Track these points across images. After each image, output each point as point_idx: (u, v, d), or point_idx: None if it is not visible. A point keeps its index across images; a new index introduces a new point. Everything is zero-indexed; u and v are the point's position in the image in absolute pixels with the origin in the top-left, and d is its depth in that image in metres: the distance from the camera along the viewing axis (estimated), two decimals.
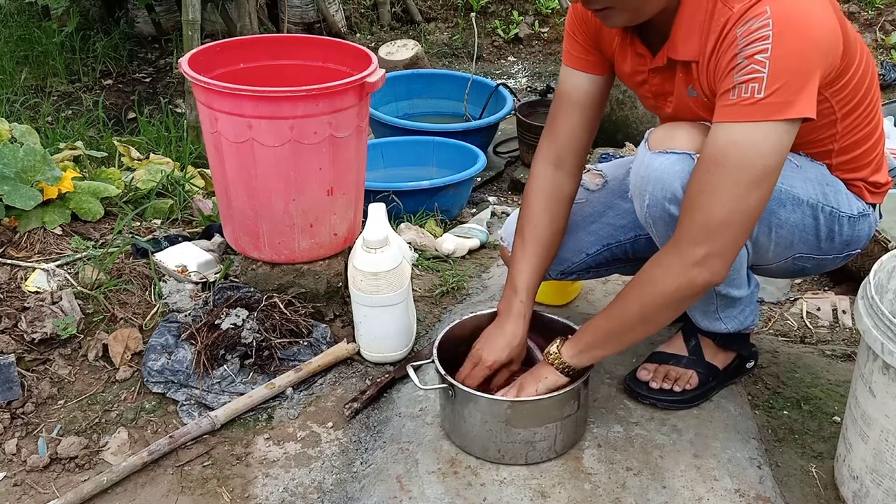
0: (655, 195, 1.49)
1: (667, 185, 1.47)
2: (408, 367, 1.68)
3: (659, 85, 1.58)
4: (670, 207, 1.48)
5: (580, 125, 1.69)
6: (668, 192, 1.48)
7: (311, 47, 2.13)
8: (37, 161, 2.20)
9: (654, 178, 1.49)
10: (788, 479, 1.64)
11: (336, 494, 1.62)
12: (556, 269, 1.83)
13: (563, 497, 1.54)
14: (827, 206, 1.58)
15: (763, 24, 1.31)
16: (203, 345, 1.90)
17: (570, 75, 1.69)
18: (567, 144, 1.70)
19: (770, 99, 1.32)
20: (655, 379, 1.77)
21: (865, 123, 1.55)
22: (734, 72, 1.35)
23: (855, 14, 5.31)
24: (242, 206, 1.98)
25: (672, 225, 1.49)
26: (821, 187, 1.58)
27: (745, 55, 1.33)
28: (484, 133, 3.88)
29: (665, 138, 1.50)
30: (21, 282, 2.02)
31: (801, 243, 1.61)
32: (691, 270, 1.41)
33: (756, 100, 1.32)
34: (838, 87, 1.46)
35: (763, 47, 1.31)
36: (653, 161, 1.49)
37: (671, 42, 1.48)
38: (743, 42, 1.33)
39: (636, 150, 1.72)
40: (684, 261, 1.42)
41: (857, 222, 1.63)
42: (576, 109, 1.69)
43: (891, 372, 1.37)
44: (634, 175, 1.54)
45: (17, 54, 4.81)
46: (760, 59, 1.31)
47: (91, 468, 1.69)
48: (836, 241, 1.63)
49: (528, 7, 5.88)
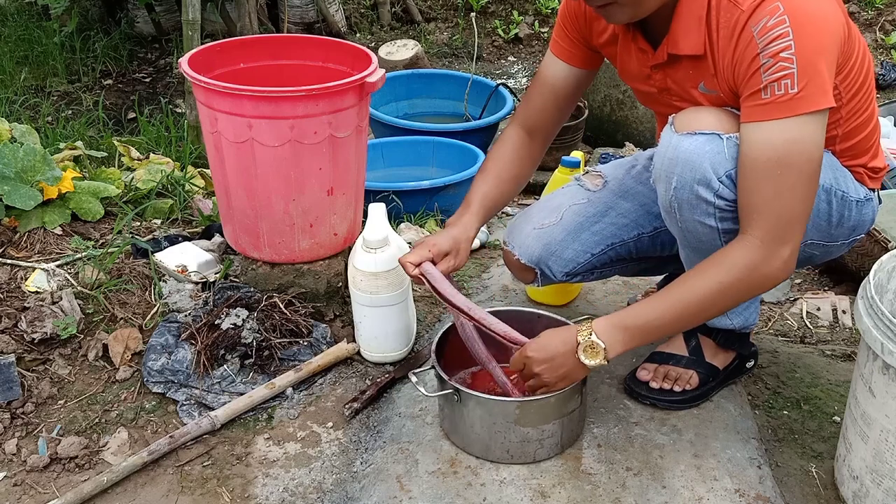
0: (684, 176, 1.48)
1: (696, 166, 1.46)
2: (410, 374, 1.67)
3: (661, 80, 1.59)
4: (698, 189, 1.47)
5: (553, 107, 1.78)
6: (697, 173, 1.46)
7: (311, 47, 2.13)
8: (37, 161, 2.20)
9: (683, 160, 1.47)
10: (788, 479, 1.64)
11: (336, 494, 1.62)
12: (562, 271, 1.83)
13: (563, 497, 1.54)
14: (839, 190, 1.60)
15: (779, 21, 1.34)
16: (203, 345, 1.90)
17: (553, 62, 1.75)
18: (538, 118, 1.79)
19: (804, 92, 1.35)
20: (655, 379, 1.77)
21: (865, 108, 1.58)
22: (761, 71, 1.37)
23: (855, 14, 5.31)
24: (242, 206, 1.98)
25: (697, 208, 1.49)
26: (832, 172, 1.59)
27: (769, 54, 1.35)
28: (484, 133, 3.88)
29: (692, 120, 1.49)
30: (21, 282, 2.02)
31: (814, 229, 1.61)
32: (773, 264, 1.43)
33: (791, 95, 1.35)
34: (845, 72, 1.48)
35: (786, 44, 1.34)
36: (681, 142, 1.48)
37: (671, 37, 1.49)
38: (763, 41, 1.35)
39: (635, 149, 1.73)
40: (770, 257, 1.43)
41: (864, 206, 1.65)
42: (551, 94, 1.76)
43: (891, 372, 1.37)
44: (661, 158, 1.52)
45: (17, 54, 4.81)
46: (787, 56, 1.34)
47: (91, 468, 1.69)
48: (845, 225, 1.65)
49: (528, 7, 5.89)
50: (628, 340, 1.49)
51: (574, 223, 1.80)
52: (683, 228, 1.56)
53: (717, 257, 1.47)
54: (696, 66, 1.50)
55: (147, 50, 5.31)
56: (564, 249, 1.80)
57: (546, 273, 1.83)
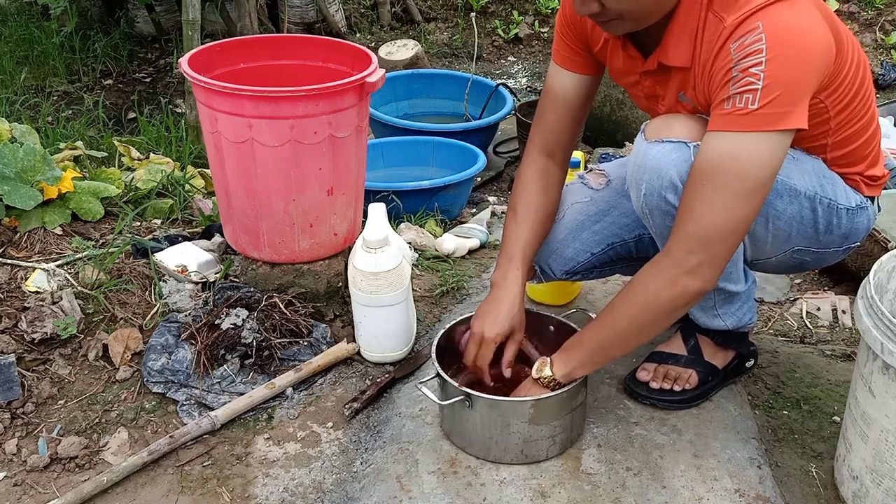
0: (652, 184, 1.50)
1: (663, 174, 1.48)
2: (420, 386, 1.65)
3: (650, 87, 1.61)
4: (667, 195, 1.49)
5: (567, 120, 1.74)
6: (664, 181, 1.48)
7: (311, 47, 2.13)
8: (37, 161, 2.20)
9: (651, 167, 1.50)
10: (788, 479, 1.64)
11: (336, 494, 1.62)
12: (562, 269, 1.83)
13: (563, 497, 1.54)
14: (825, 197, 1.59)
15: (756, 39, 1.34)
16: (203, 345, 1.90)
17: (558, 73, 1.73)
18: (556, 138, 1.75)
19: (763, 110, 1.34)
20: (655, 379, 1.77)
21: (860, 117, 1.56)
22: (730, 84, 1.37)
23: (855, 14, 5.31)
24: (242, 206, 1.98)
25: (668, 215, 1.50)
26: (818, 179, 1.58)
27: (740, 68, 1.35)
28: (484, 133, 3.88)
29: (662, 128, 1.51)
30: (21, 282, 2.02)
31: (800, 236, 1.61)
32: (684, 279, 1.43)
33: (749, 110, 1.35)
34: (832, 89, 1.47)
35: (757, 61, 1.33)
36: (649, 150, 1.50)
37: (662, 47, 1.51)
38: (737, 56, 1.36)
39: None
40: (677, 270, 1.43)
41: (856, 215, 1.64)
42: (563, 106, 1.73)
43: (891, 372, 1.37)
44: (631, 165, 1.55)
45: (17, 54, 4.81)
46: (755, 72, 1.33)
47: (91, 468, 1.69)
48: (836, 233, 1.64)
49: (528, 7, 5.89)
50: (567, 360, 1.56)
51: (575, 222, 1.80)
52: (657, 234, 1.58)
53: (634, 279, 1.51)
54: (682, 77, 1.52)
55: (147, 50, 5.31)
56: (565, 248, 1.80)
57: (546, 271, 1.84)
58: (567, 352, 1.58)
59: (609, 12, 1.43)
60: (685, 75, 1.51)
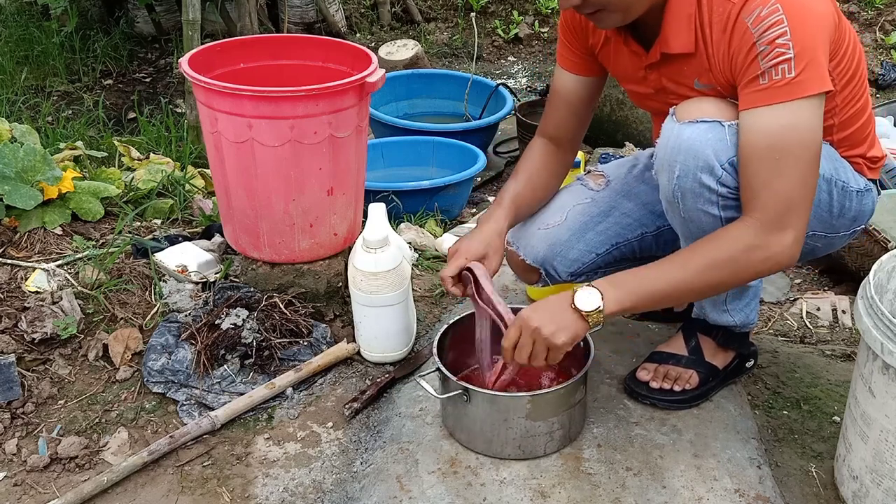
0: (687, 164, 1.48)
1: (699, 153, 1.46)
2: (419, 380, 1.66)
3: (657, 80, 1.60)
4: (702, 176, 1.47)
5: (572, 118, 1.80)
6: (700, 160, 1.47)
7: (311, 47, 2.13)
8: (37, 161, 2.20)
9: (686, 148, 1.47)
10: (788, 479, 1.64)
11: (336, 494, 1.62)
12: (567, 271, 1.83)
13: (563, 497, 1.54)
14: (839, 180, 1.60)
15: (772, 10, 1.36)
16: (203, 345, 1.90)
17: (562, 75, 1.77)
18: (561, 132, 1.81)
19: (801, 76, 1.37)
20: (655, 379, 1.77)
21: (858, 97, 1.59)
22: (759, 59, 1.38)
23: (855, 14, 5.30)
24: (242, 206, 1.98)
25: (701, 197, 1.49)
26: (832, 162, 1.60)
27: (766, 41, 1.37)
28: (484, 133, 3.88)
29: (694, 110, 1.49)
30: (21, 282, 2.02)
31: (816, 219, 1.60)
32: (784, 256, 1.44)
33: (788, 80, 1.37)
34: (837, 59, 1.49)
35: (781, 31, 1.36)
36: (683, 131, 1.48)
37: (662, 37, 1.51)
38: (758, 29, 1.37)
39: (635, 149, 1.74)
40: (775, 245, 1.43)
41: (864, 197, 1.66)
42: (567, 106, 1.78)
43: (890, 372, 1.37)
44: (662, 147, 1.52)
45: (17, 54, 4.81)
46: (783, 42, 1.36)
47: (91, 468, 1.69)
48: (846, 216, 1.65)
49: (528, 7, 5.88)
50: (622, 298, 1.47)
51: (579, 223, 1.80)
52: (686, 219, 1.55)
53: (715, 233, 1.48)
54: (690, 63, 1.52)
55: (147, 50, 5.31)
56: (569, 250, 1.80)
57: (551, 273, 1.83)
58: (620, 287, 1.47)
59: (591, 3, 1.44)
60: (694, 62, 1.50)
